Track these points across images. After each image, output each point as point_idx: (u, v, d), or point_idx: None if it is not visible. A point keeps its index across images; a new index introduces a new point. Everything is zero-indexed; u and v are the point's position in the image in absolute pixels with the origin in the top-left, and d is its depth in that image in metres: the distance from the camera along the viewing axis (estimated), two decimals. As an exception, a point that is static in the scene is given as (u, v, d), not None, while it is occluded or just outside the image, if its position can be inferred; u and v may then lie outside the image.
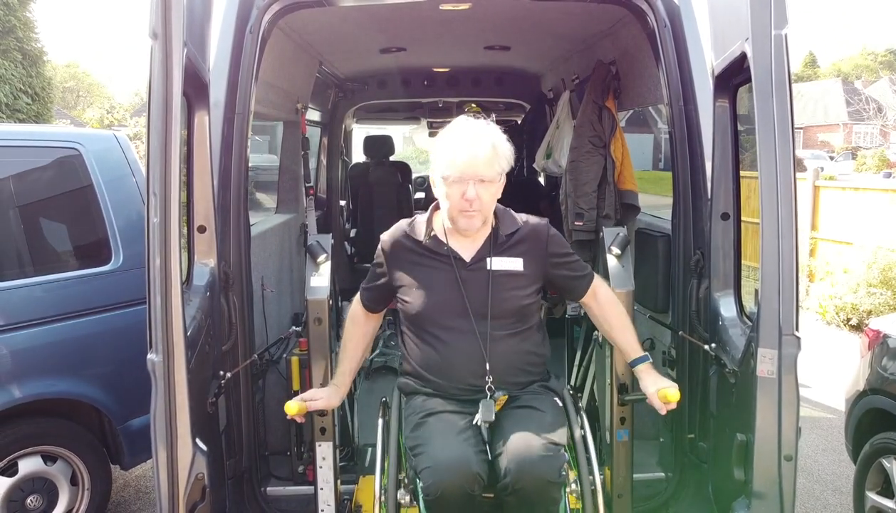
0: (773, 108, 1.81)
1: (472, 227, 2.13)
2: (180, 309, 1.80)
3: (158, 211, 1.74)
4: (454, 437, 2.01)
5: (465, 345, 2.14)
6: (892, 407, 3.19)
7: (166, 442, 1.79)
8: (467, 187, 2.03)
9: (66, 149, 3.52)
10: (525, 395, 2.18)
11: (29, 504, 3.33)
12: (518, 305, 2.19)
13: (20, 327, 3.26)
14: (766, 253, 1.90)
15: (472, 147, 2.04)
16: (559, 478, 1.99)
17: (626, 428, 2.64)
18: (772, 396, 1.91)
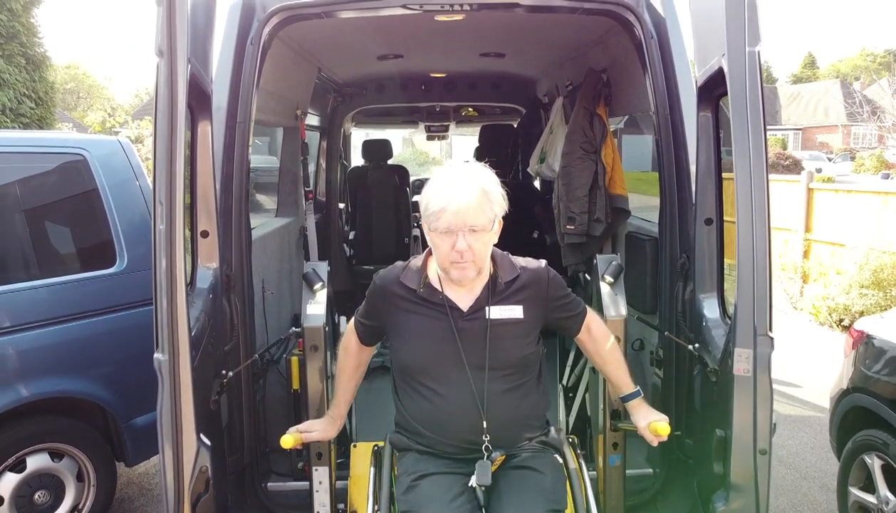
0: (747, 120, 1.91)
1: (466, 278, 2.01)
2: (185, 311, 1.90)
3: (165, 218, 1.84)
4: (448, 504, 1.93)
5: (461, 400, 2.03)
6: (873, 405, 3.28)
7: (172, 438, 1.89)
8: (457, 239, 1.91)
9: (72, 154, 3.62)
10: (523, 453, 2.10)
11: (37, 500, 3.43)
12: (518, 356, 2.09)
13: (27, 328, 3.36)
14: (741, 258, 2.00)
15: (459, 195, 1.90)
16: None
17: (619, 453, 2.70)
18: (747, 393, 2.01)
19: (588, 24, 3.35)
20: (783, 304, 8.90)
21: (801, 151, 39.35)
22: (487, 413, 2.01)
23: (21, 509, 3.39)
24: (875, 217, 7.75)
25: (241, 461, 2.93)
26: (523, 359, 2.10)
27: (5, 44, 9.47)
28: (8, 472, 3.34)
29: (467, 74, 5.51)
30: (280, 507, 2.97)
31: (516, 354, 2.08)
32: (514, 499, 1.96)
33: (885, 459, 3.22)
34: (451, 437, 2.05)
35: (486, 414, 2.01)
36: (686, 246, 2.83)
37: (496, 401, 2.03)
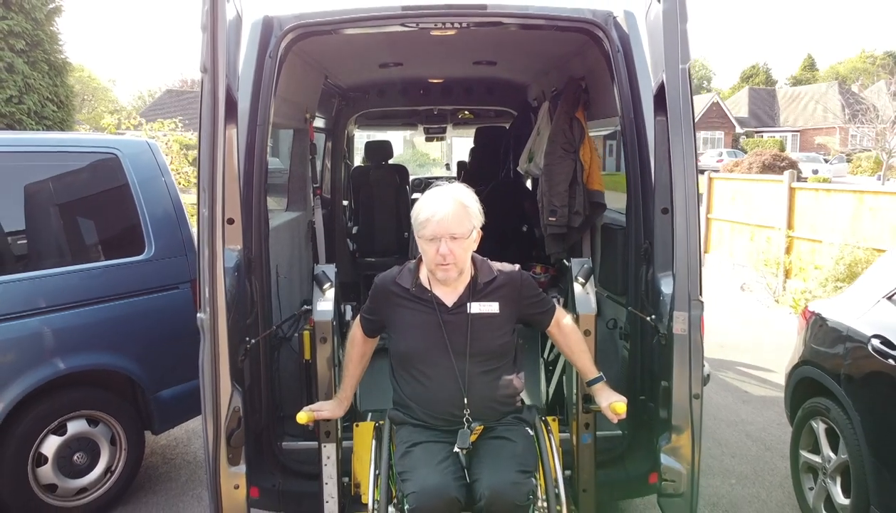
0: (680, 120, 2.35)
1: (449, 278, 2.42)
2: (223, 280, 2.31)
3: (207, 203, 2.26)
4: (436, 466, 2.30)
5: (446, 381, 2.42)
6: (818, 376, 3.70)
7: (212, 382, 2.30)
8: (440, 244, 2.32)
9: (106, 153, 4.05)
10: (500, 426, 2.47)
11: (76, 460, 3.86)
12: (495, 345, 2.47)
13: (66, 308, 3.77)
14: (677, 239, 2.42)
15: (442, 208, 2.32)
16: (526, 502, 2.27)
17: (590, 432, 3.04)
18: (683, 348, 2.43)
19: (567, 39, 3.76)
20: (766, 298, 9.31)
21: (798, 152, 39.68)
22: (468, 392, 2.41)
23: (62, 469, 3.81)
24: (852, 215, 8.16)
25: (259, 422, 3.32)
26: (499, 347, 2.50)
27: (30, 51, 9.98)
28: (51, 434, 3.77)
29: (463, 80, 5.91)
30: (293, 462, 3.35)
31: (493, 343, 2.48)
32: (490, 462, 2.35)
33: (827, 423, 3.64)
34: (438, 412, 2.44)
35: (467, 392, 2.41)
36: (649, 233, 3.22)
37: (475, 381, 2.43)
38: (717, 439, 4.91)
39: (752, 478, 4.37)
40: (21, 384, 3.56)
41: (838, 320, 3.70)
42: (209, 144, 2.23)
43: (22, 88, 9.89)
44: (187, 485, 4.33)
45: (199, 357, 2.35)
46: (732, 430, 5.11)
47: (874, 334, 3.30)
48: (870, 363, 3.29)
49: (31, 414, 3.66)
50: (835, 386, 3.52)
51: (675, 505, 2.61)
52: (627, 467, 3.36)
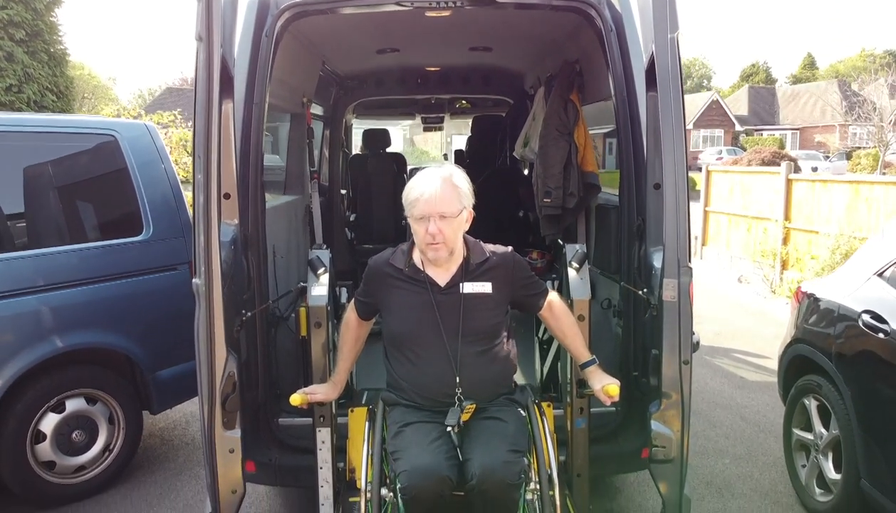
0: (669, 89, 2.38)
1: (440, 257, 2.41)
2: (217, 245, 2.35)
3: (203, 169, 2.30)
4: (427, 445, 2.29)
5: (438, 362, 2.42)
6: (811, 353, 3.74)
7: (207, 347, 2.33)
8: (429, 224, 2.32)
9: (104, 135, 4.09)
10: (492, 407, 2.46)
11: (74, 438, 3.89)
12: (487, 325, 2.47)
13: (65, 287, 3.81)
14: (667, 209, 2.45)
15: (431, 187, 2.33)
16: (518, 481, 2.28)
17: (584, 417, 3.04)
18: (673, 315, 2.46)
19: (560, 20, 3.79)
20: (763, 289, 9.35)
21: (798, 150, 39.70)
22: (460, 372, 2.41)
23: (61, 446, 3.85)
24: (847, 205, 8.19)
25: (256, 399, 3.36)
26: (492, 327, 2.50)
27: (30, 41, 10.06)
28: (50, 412, 3.80)
29: (459, 68, 5.94)
30: (289, 438, 3.38)
31: (486, 323, 2.48)
32: (482, 441, 2.35)
33: (819, 400, 3.68)
34: (431, 392, 2.44)
35: (459, 373, 2.41)
36: (642, 210, 3.25)
37: (468, 362, 2.43)
38: (712, 421, 4.94)
39: (745, 458, 4.41)
40: (21, 361, 3.60)
41: (830, 298, 3.73)
42: (204, 112, 2.27)
43: (22, 78, 9.97)
44: (185, 465, 4.37)
45: (195, 323, 2.37)
46: (727, 413, 5.15)
47: (865, 310, 3.34)
48: (860, 338, 3.32)
49: (30, 391, 3.70)
50: (826, 362, 3.55)
51: (665, 471, 2.64)
52: (620, 442, 3.39)
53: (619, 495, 3.97)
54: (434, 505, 2.24)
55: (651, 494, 3.95)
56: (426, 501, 2.22)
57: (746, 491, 4.00)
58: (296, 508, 3.79)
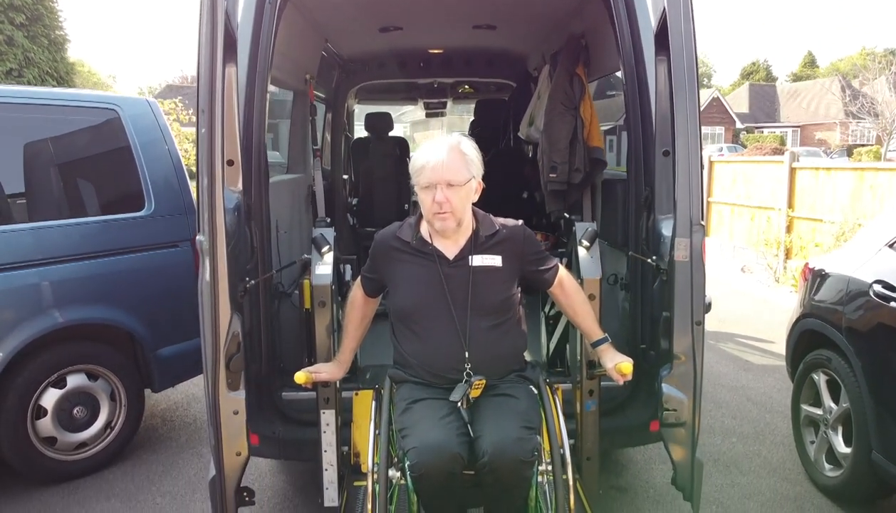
0: (682, 46, 2.34)
1: (447, 228, 2.33)
2: (222, 202, 2.31)
3: (206, 123, 2.25)
4: (437, 421, 2.20)
5: (446, 337, 2.34)
6: (820, 327, 3.70)
7: (211, 305, 2.29)
8: (436, 192, 2.25)
9: (105, 109, 4.05)
10: (503, 384, 2.37)
11: (75, 414, 3.86)
12: (497, 299, 2.38)
13: (64, 261, 3.77)
14: (679, 167, 2.41)
15: (437, 154, 2.26)
16: (531, 458, 2.18)
17: (594, 399, 2.98)
18: (685, 275, 2.42)
19: None
20: (767, 278, 9.30)
21: (799, 147, 39.66)
22: (469, 347, 2.33)
23: (62, 422, 3.81)
24: (851, 193, 8.15)
25: (259, 372, 3.32)
26: (502, 302, 2.41)
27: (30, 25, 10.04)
28: (51, 387, 3.76)
29: (463, 50, 5.89)
30: (293, 411, 3.35)
31: (495, 297, 2.40)
32: (493, 418, 2.26)
33: (829, 374, 3.64)
34: (439, 368, 2.35)
35: (468, 348, 2.33)
36: (650, 180, 3.21)
37: (477, 337, 2.35)
38: (718, 402, 4.91)
39: (753, 437, 4.37)
40: (21, 334, 3.56)
41: (839, 272, 3.70)
42: (208, 61, 2.22)
43: (22, 62, 9.95)
44: (187, 444, 4.33)
45: (198, 282, 2.33)
46: (733, 394, 5.11)
47: (876, 280, 3.30)
48: (872, 309, 3.28)
49: (31, 365, 3.66)
50: (836, 335, 3.51)
51: (677, 435, 2.60)
52: (628, 415, 3.35)
53: (625, 471, 3.93)
54: (444, 483, 2.15)
55: (658, 470, 3.92)
56: (436, 479, 2.13)
57: (754, 468, 3.96)
58: (300, 493, 3.74)
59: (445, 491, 2.19)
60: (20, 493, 3.72)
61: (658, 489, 3.71)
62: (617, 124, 4.82)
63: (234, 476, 2.41)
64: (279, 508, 3.58)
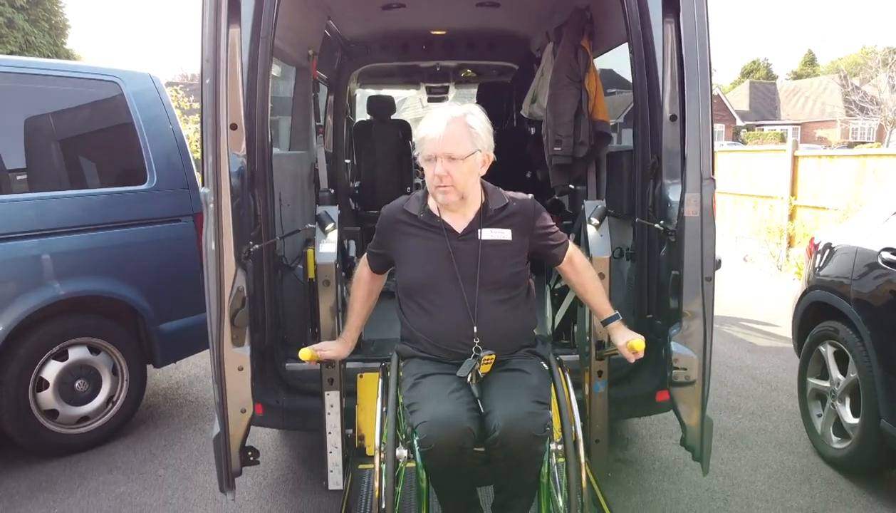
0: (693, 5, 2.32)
1: (449, 201, 2.26)
2: (227, 154, 2.28)
3: (210, 73, 2.22)
4: (447, 396, 2.12)
5: (455, 311, 2.27)
6: (827, 298, 3.67)
7: (216, 259, 2.26)
8: (436, 164, 2.18)
9: (106, 81, 4.02)
10: (513, 359, 2.31)
11: (77, 387, 3.83)
12: (507, 273, 2.31)
13: (65, 232, 3.74)
14: (689, 121, 2.39)
15: (439, 126, 2.18)
16: (543, 433, 2.10)
17: (603, 380, 2.94)
18: (695, 230, 2.38)
19: None
20: (769, 267, 9.28)
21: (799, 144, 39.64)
22: (478, 321, 2.26)
23: (64, 395, 3.79)
24: (855, 178, 8.12)
25: (263, 341, 3.29)
26: (511, 276, 2.34)
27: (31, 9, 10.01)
28: (53, 360, 3.74)
29: (465, 32, 5.86)
30: (296, 381, 3.32)
31: (505, 271, 2.32)
32: (504, 393, 2.18)
33: (836, 345, 3.61)
34: (448, 343, 2.28)
35: (477, 322, 2.25)
36: (657, 147, 3.18)
37: (486, 311, 2.27)
38: (723, 381, 4.88)
39: (758, 414, 4.34)
40: (23, 305, 3.54)
41: (847, 243, 3.67)
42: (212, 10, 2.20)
43: (22, 45, 9.93)
44: (189, 420, 4.31)
45: (203, 235, 2.30)
46: (738, 374, 5.08)
47: (884, 248, 3.27)
48: (880, 276, 3.26)
49: (32, 337, 3.64)
50: (844, 305, 3.48)
51: (686, 394, 2.57)
52: (634, 385, 3.33)
53: (631, 445, 3.91)
54: (454, 459, 2.07)
55: (664, 444, 3.89)
56: (446, 454, 2.05)
57: (761, 442, 3.93)
58: (304, 466, 3.72)
59: (455, 468, 2.12)
60: (22, 466, 3.70)
61: (664, 462, 3.69)
62: (618, 122, 4.80)
63: (238, 434, 2.38)
64: (282, 479, 3.55)
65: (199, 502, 3.32)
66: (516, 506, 2.29)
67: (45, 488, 3.46)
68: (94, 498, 3.35)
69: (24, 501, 3.34)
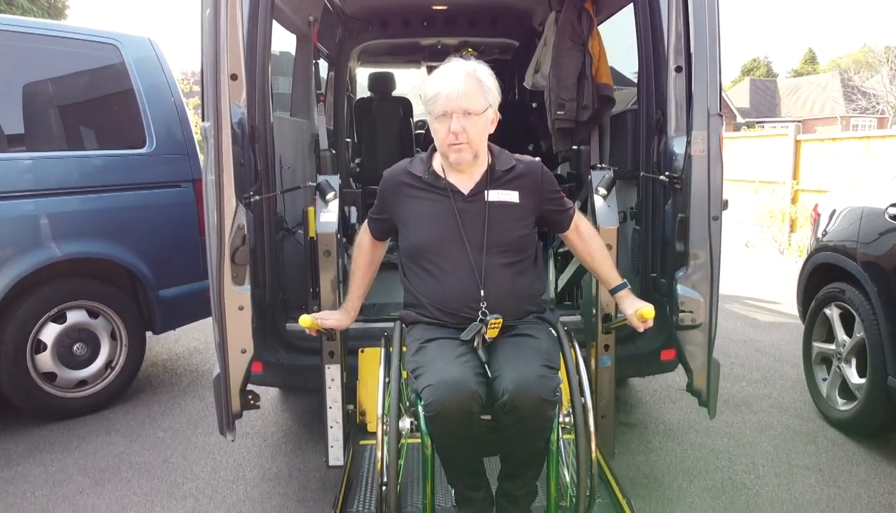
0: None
1: (463, 160, 2.17)
2: (227, 90, 2.24)
3: (211, 4, 2.19)
4: (453, 359, 2.05)
5: (461, 274, 2.19)
6: (834, 259, 3.64)
7: (216, 194, 2.22)
8: (451, 121, 2.08)
9: (105, 43, 3.99)
10: (521, 324, 2.24)
11: (75, 351, 3.80)
12: (514, 236, 2.23)
13: (63, 193, 3.71)
14: (697, 56, 2.36)
15: (455, 81, 2.08)
16: (554, 397, 2.02)
17: (610, 355, 2.88)
18: (702, 169, 2.35)
19: None
20: (771, 251, 9.25)
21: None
22: (485, 285, 2.17)
23: (62, 358, 3.75)
24: (857, 161, 8.09)
25: (263, 300, 3.25)
26: (519, 239, 2.26)
27: (31, -11, 10.03)
28: (51, 322, 3.71)
29: (467, 7, 5.82)
30: (297, 340, 3.28)
31: (512, 234, 2.24)
32: (512, 357, 2.11)
33: (842, 306, 3.58)
34: (454, 307, 2.20)
35: (484, 285, 2.17)
36: (662, 102, 3.15)
37: (493, 274, 2.19)
38: (726, 353, 4.84)
39: (762, 382, 4.31)
40: (21, 265, 3.50)
41: (853, 204, 3.64)
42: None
43: (21, 23, 9.91)
44: (189, 388, 4.27)
45: (203, 167, 2.27)
46: (742, 346, 5.05)
47: (892, 203, 3.24)
48: (887, 232, 3.23)
49: (30, 298, 3.60)
50: (850, 264, 3.45)
51: (693, 337, 2.54)
52: (639, 344, 3.28)
53: (635, 410, 3.88)
54: (461, 423, 1.98)
55: (667, 408, 3.86)
56: (452, 418, 1.96)
57: (765, 407, 3.90)
58: (304, 438, 3.69)
59: (461, 433, 2.03)
60: (19, 428, 3.66)
61: (668, 425, 3.65)
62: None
63: (239, 374, 2.35)
64: (283, 441, 3.52)
65: (199, 461, 3.29)
66: (524, 475, 2.21)
67: (42, 448, 3.43)
68: (92, 457, 3.32)
69: (22, 460, 3.30)
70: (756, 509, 2.83)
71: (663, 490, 3.00)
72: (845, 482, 3.05)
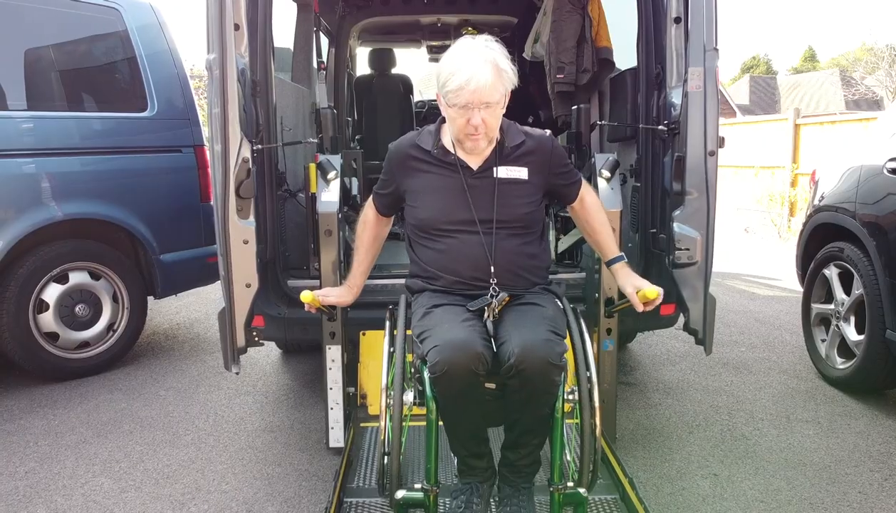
0: None
1: (478, 148, 2.17)
2: (231, 18, 2.25)
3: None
4: (460, 323, 2.04)
5: (470, 247, 2.17)
6: (833, 217, 3.66)
7: (221, 125, 2.24)
8: (473, 115, 2.05)
9: (106, 6, 4.00)
10: (528, 294, 2.22)
11: (77, 312, 3.81)
12: (523, 212, 2.22)
13: (63, 154, 3.73)
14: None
15: (478, 75, 2.02)
16: (560, 362, 2.00)
17: (612, 338, 2.87)
18: (699, 104, 2.36)
19: None
20: (771, 234, 9.26)
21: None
22: (494, 259, 2.16)
23: (64, 319, 3.77)
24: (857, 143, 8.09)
25: (265, 254, 3.25)
26: (527, 215, 2.24)
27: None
28: (53, 282, 3.72)
29: None
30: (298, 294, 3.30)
31: (521, 210, 2.22)
32: (518, 323, 2.08)
33: (841, 265, 3.59)
34: (462, 277, 2.18)
35: (494, 261, 2.16)
36: (661, 57, 3.16)
37: (502, 248, 2.18)
38: (726, 322, 4.86)
39: (762, 347, 4.33)
40: (23, 223, 3.52)
41: (851, 164, 3.66)
42: None
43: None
44: (191, 352, 4.29)
45: (208, 99, 2.28)
46: (741, 317, 5.07)
47: (890, 158, 3.26)
48: (886, 186, 3.24)
49: (32, 258, 3.62)
50: (849, 221, 3.47)
51: (690, 274, 2.55)
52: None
53: (634, 371, 3.89)
54: (466, 384, 1.96)
55: (667, 370, 3.88)
56: (458, 378, 1.94)
57: (764, 370, 3.91)
58: (305, 395, 3.70)
59: (466, 395, 2.01)
60: (21, 387, 3.68)
61: (668, 384, 3.67)
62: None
63: (244, 308, 2.36)
64: (284, 397, 3.54)
65: (200, 416, 3.30)
66: (529, 443, 2.18)
67: (44, 404, 3.45)
68: (94, 413, 3.33)
69: (25, 415, 3.32)
70: (755, 457, 2.85)
71: (663, 440, 3.02)
72: (843, 434, 3.06)
